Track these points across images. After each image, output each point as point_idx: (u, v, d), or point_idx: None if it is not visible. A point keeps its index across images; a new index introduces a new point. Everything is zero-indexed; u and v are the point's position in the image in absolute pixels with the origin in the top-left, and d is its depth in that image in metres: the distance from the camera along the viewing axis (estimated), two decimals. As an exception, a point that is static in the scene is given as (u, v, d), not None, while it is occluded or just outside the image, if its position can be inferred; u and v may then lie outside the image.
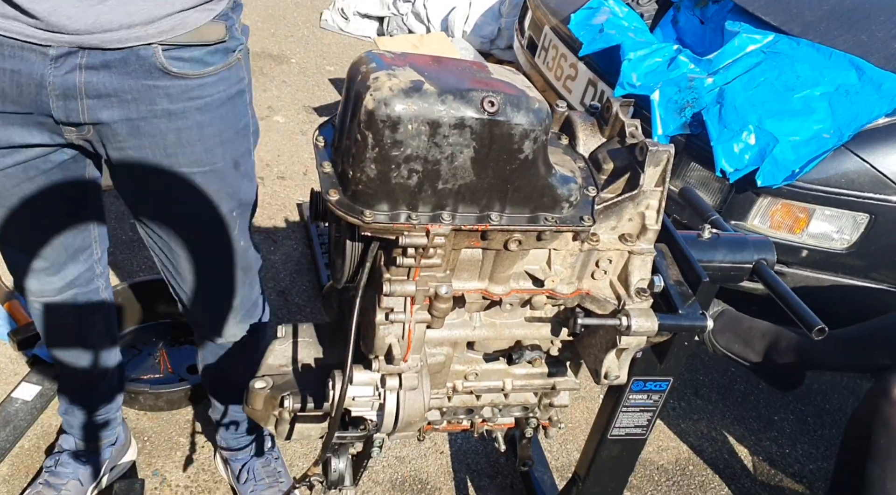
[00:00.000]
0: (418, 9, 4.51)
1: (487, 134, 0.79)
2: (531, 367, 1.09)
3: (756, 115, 2.14)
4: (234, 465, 1.85)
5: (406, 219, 0.82)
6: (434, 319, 0.91)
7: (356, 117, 0.78)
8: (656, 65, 2.35)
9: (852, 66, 2.22)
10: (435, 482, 2.00)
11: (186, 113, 1.18)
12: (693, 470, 2.19)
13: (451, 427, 1.18)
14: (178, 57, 1.14)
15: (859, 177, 2.14)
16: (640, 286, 0.95)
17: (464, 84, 0.79)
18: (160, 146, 1.20)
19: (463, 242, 0.88)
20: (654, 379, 1.23)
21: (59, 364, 1.65)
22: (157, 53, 1.11)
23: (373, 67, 0.80)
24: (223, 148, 1.26)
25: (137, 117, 1.16)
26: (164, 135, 1.19)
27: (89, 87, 1.11)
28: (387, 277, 0.87)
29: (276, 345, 1.06)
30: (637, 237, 0.94)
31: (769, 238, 1.19)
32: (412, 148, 0.78)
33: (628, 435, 1.32)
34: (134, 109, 1.15)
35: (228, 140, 1.26)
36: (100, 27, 1.05)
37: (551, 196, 0.86)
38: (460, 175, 0.81)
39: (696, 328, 0.97)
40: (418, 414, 0.95)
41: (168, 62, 1.13)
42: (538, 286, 0.94)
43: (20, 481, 1.86)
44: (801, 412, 2.46)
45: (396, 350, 0.90)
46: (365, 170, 0.79)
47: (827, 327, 1.01)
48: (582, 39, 2.57)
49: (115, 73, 1.11)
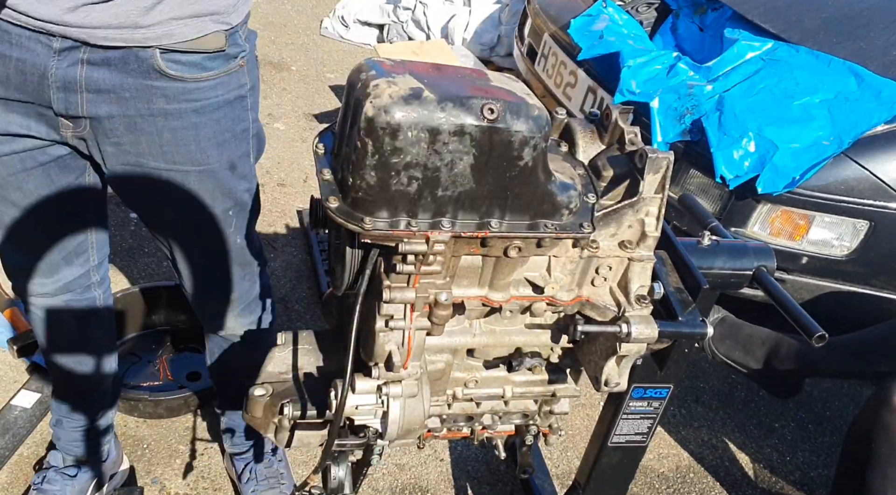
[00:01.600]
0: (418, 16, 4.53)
1: (487, 141, 0.79)
2: (531, 374, 1.08)
3: (756, 123, 2.15)
4: (238, 465, 1.86)
5: (406, 227, 0.82)
6: (434, 326, 0.90)
7: (356, 124, 0.78)
8: (656, 72, 2.35)
9: (851, 73, 2.23)
10: (435, 490, 1.99)
11: (182, 113, 1.20)
12: (694, 478, 2.18)
13: (452, 434, 1.17)
14: (176, 60, 1.16)
15: (859, 184, 2.14)
16: (640, 293, 0.94)
17: (463, 91, 0.79)
18: (156, 143, 1.22)
19: (463, 249, 0.88)
20: (655, 387, 1.23)
21: (53, 370, 1.65)
22: (154, 56, 1.14)
23: (372, 75, 0.80)
24: (219, 149, 1.28)
25: (135, 114, 1.18)
26: (161, 133, 1.21)
27: (89, 81, 1.13)
28: (387, 284, 0.86)
29: (275, 352, 1.06)
30: (637, 244, 0.94)
31: (769, 245, 1.19)
32: (412, 155, 0.78)
33: (629, 442, 1.32)
34: (132, 106, 1.17)
35: (225, 142, 1.28)
36: (88, 23, 1.07)
37: (551, 203, 0.86)
38: (460, 182, 0.81)
39: (696, 335, 0.97)
40: (418, 421, 0.95)
41: (165, 65, 1.15)
42: (538, 293, 0.94)
43: (19, 489, 1.85)
44: (801, 419, 2.46)
45: (396, 357, 0.90)
46: (365, 177, 0.79)
47: (827, 334, 1.00)
48: (581, 46, 2.58)
49: (115, 70, 1.13)
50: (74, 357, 1.60)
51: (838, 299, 2.28)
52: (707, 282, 0.99)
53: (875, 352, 1.90)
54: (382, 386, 0.93)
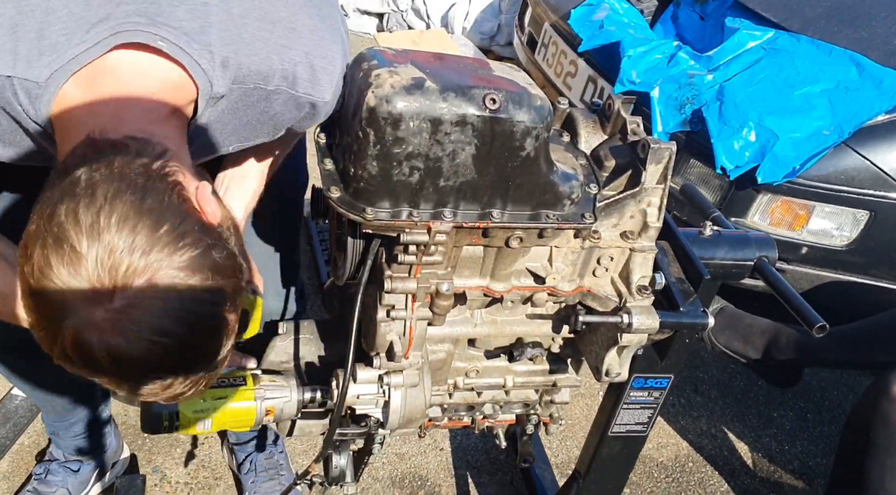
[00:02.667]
0: (418, 5, 4.50)
1: (489, 131, 0.79)
2: (532, 364, 1.09)
3: (756, 112, 2.14)
4: (239, 455, 1.86)
5: (408, 217, 0.82)
6: (435, 316, 0.90)
7: (357, 114, 0.78)
8: (656, 61, 2.34)
9: (852, 62, 2.21)
10: (435, 478, 2.00)
11: None
12: (692, 467, 2.19)
13: (453, 423, 1.18)
14: None
15: (859, 174, 2.13)
16: (641, 283, 0.94)
17: (466, 81, 0.79)
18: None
19: (464, 239, 0.88)
20: (655, 377, 1.23)
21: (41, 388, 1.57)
22: None
23: (374, 64, 0.79)
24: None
25: None
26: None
27: None
28: (388, 274, 0.86)
29: (276, 341, 1.06)
30: (639, 234, 0.94)
31: (770, 235, 1.19)
32: (413, 145, 0.78)
33: (629, 432, 1.32)
34: None
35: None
36: None
37: (553, 193, 0.86)
38: (462, 172, 0.81)
39: (697, 325, 0.97)
40: (420, 410, 0.95)
41: None
42: (539, 283, 0.94)
43: (20, 477, 1.86)
44: (800, 409, 2.46)
45: (398, 347, 0.90)
46: (366, 167, 0.79)
47: (827, 324, 1.00)
48: (582, 36, 2.56)
49: None
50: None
51: (838, 289, 2.28)
52: (709, 273, 0.99)
53: (874, 343, 1.90)
54: (384, 375, 0.93)
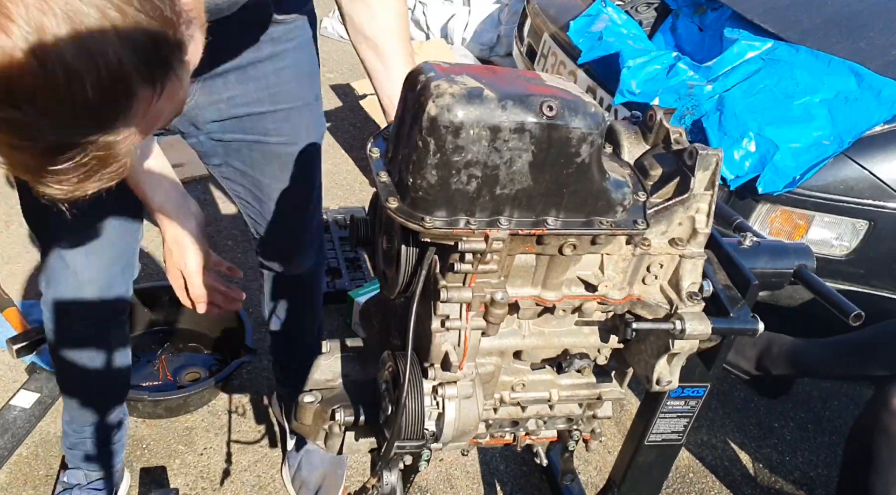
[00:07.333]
0: (417, 16, 4.53)
1: (546, 138, 0.80)
2: (578, 377, 1.08)
3: (756, 122, 2.15)
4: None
5: (465, 225, 0.82)
6: (489, 326, 0.90)
7: (417, 124, 0.78)
8: (655, 72, 2.36)
9: (851, 72, 2.24)
10: (434, 490, 1.98)
11: (285, 54, 1.32)
12: (693, 478, 2.17)
13: (495, 441, 1.16)
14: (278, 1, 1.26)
15: (858, 184, 2.15)
16: (691, 290, 0.95)
17: (522, 90, 0.80)
18: (263, 87, 1.32)
19: (518, 247, 0.88)
20: (693, 386, 1.23)
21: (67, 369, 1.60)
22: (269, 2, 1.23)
23: (432, 76, 0.80)
24: (310, 83, 1.43)
25: (246, 64, 1.28)
26: (267, 76, 1.32)
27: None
28: (443, 284, 0.86)
29: (321, 360, 1.05)
30: (688, 241, 0.95)
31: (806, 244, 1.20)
32: (472, 153, 0.79)
33: (665, 440, 1.32)
34: (244, 57, 1.27)
35: (313, 75, 1.44)
36: None
37: (606, 200, 0.87)
38: (518, 180, 0.82)
39: (748, 330, 0.97)
40: (473, 423, 0.94)
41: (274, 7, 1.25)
42: (591, 292, 0.94)
43: (18, 488, 1.84)
44: (801, 419, 2.46)
45: (453, 357, 0.89)
46: (426, 176, 0.79)
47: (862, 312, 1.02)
48: (581, 47, 2.59)
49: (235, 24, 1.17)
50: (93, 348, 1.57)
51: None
52: (757, 279, 1.00)
53: (866, 355, 1.86)
54: (438, 387, 0.92)
